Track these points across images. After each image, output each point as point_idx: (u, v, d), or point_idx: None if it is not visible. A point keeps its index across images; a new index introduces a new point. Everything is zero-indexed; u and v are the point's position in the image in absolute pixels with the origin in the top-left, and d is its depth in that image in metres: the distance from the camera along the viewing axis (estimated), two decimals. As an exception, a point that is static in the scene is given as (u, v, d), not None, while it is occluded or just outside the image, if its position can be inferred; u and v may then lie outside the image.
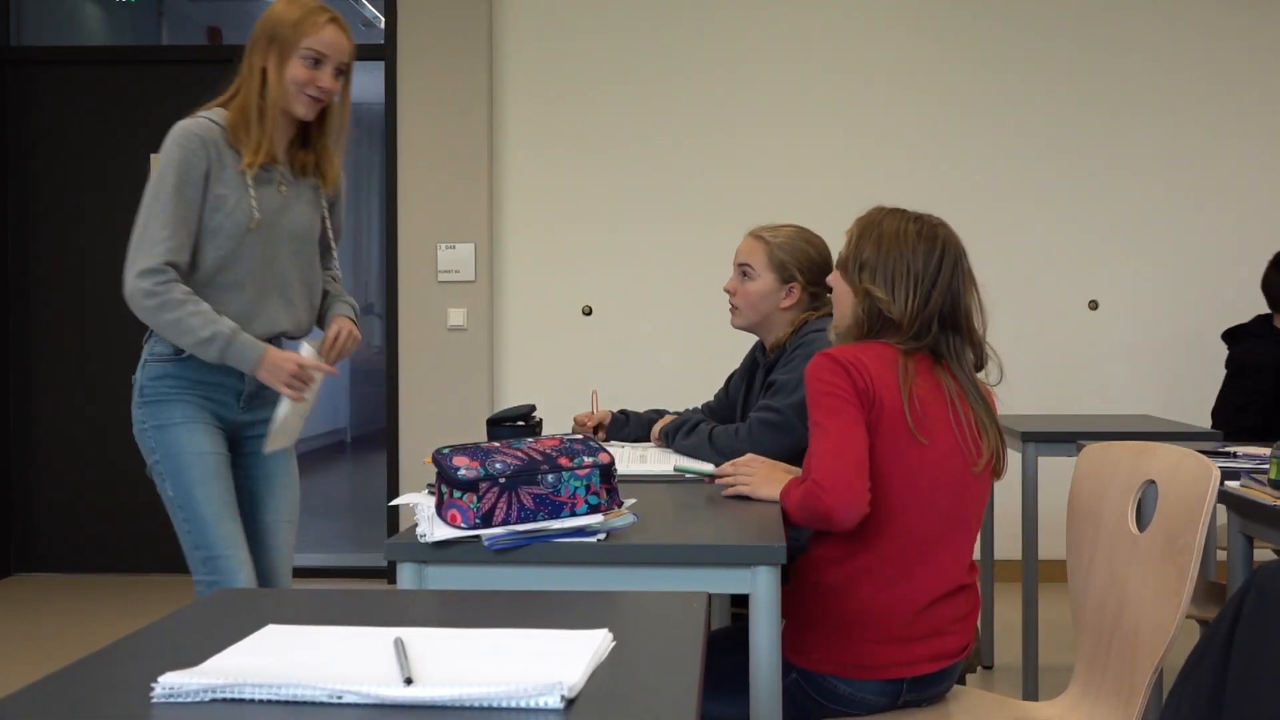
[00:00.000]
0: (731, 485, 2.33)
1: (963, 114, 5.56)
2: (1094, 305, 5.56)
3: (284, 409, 2.69)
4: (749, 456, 2.44)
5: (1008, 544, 4.54)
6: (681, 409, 3.32)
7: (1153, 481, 2.01)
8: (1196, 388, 5.49)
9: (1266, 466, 2.55)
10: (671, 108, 5.59)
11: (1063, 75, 5.55)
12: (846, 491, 2.04)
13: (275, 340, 2.73)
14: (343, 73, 2.74)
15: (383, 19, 5.69)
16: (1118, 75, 5.54)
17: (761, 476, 2.32)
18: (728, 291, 2.98)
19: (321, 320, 2.91)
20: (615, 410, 3.25)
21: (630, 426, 3.17)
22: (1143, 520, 2.03)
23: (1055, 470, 4.12)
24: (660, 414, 3.15)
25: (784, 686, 2.00)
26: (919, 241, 2.23)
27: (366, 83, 8.07)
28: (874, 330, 2.24)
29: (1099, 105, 5.55)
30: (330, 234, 2.89)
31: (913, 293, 2.20)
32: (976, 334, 2.27)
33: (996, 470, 2.25)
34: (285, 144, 2.74)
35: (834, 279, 2.34)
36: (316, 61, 2.66)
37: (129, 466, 5.42)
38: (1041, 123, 5.55)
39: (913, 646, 2.12)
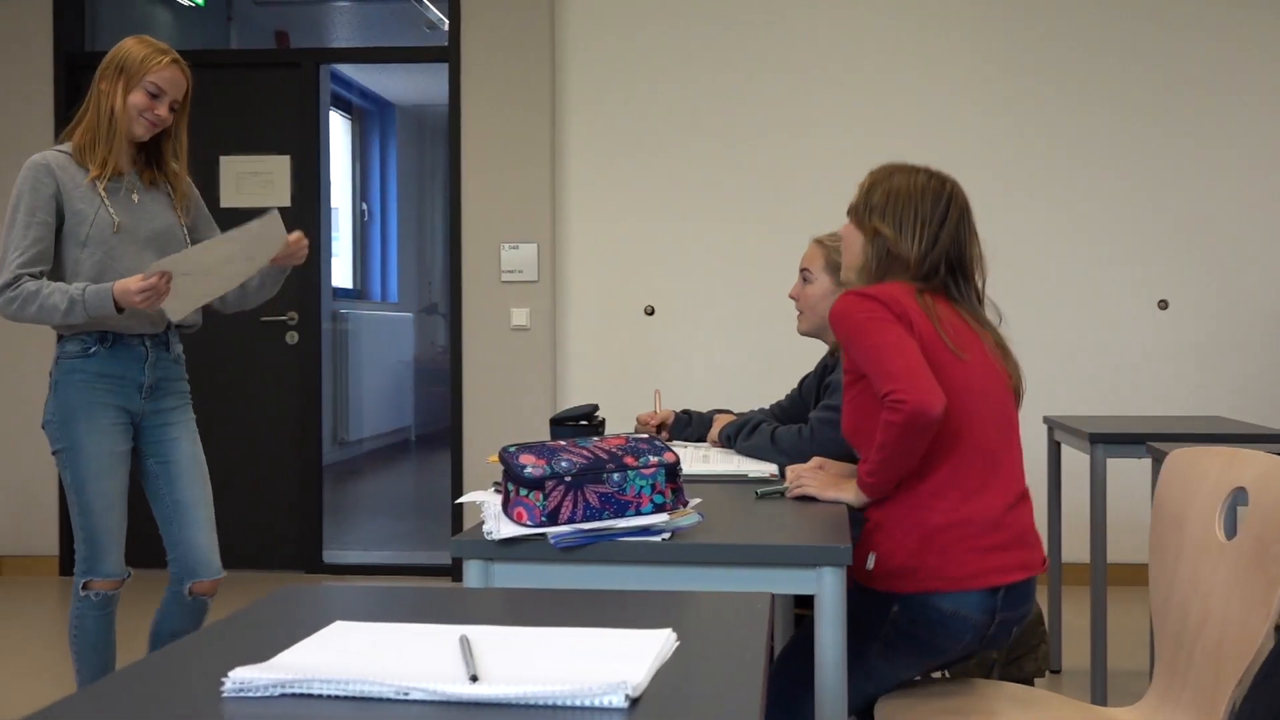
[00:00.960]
0: (797, 486, 2.32)
1: (1029, 115, 5.49)
2: (1164, 305, 5.47)
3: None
4: (814, 460, 2.42)
5: (1074, 547, 4.48)
6: (743, 409, 3.31)
7: (1242, 488, 1.97)
8: (1267, 388, 5.39)
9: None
10: (733, 108, 5.58)
11: (1131, 73, 5.46)
12: (927, 387, 2.13)
13: (166, 330, 3.09)
14: (175, 109, 3.08)
15: (446, 21, 5.74)
16: (1186, 72, 5.44)
17: (827, 479, 2.31)
18: (792, 298, 2.98)
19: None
20: (678, 410, 3.24)
21: (693, 426, 3.16)
22: (1230, 528, 1.98)
23: (1123, 472, 4.07)
24: (724, 414, 3.14)
25: (887, 623, 2.16)
26: (927, 189, 2.37)
27: (430, 84, 8.14)
28: (882, 271, 2.35)
29: (1169, 104, 5.45)
30: (197, 233, 3.20)
31: (920, 234, 2.34)
32: (977, 285, 2.40)
33: (1019, 392, 2.41)
34: (130, 161, 3.08)
35: (845, 227, 2.46)
36: (155, 95, 3.02)
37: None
38: (1108, 122, 5.47)
39: (1002, 554, 2.21)
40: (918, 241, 2.33)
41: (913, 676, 2.29)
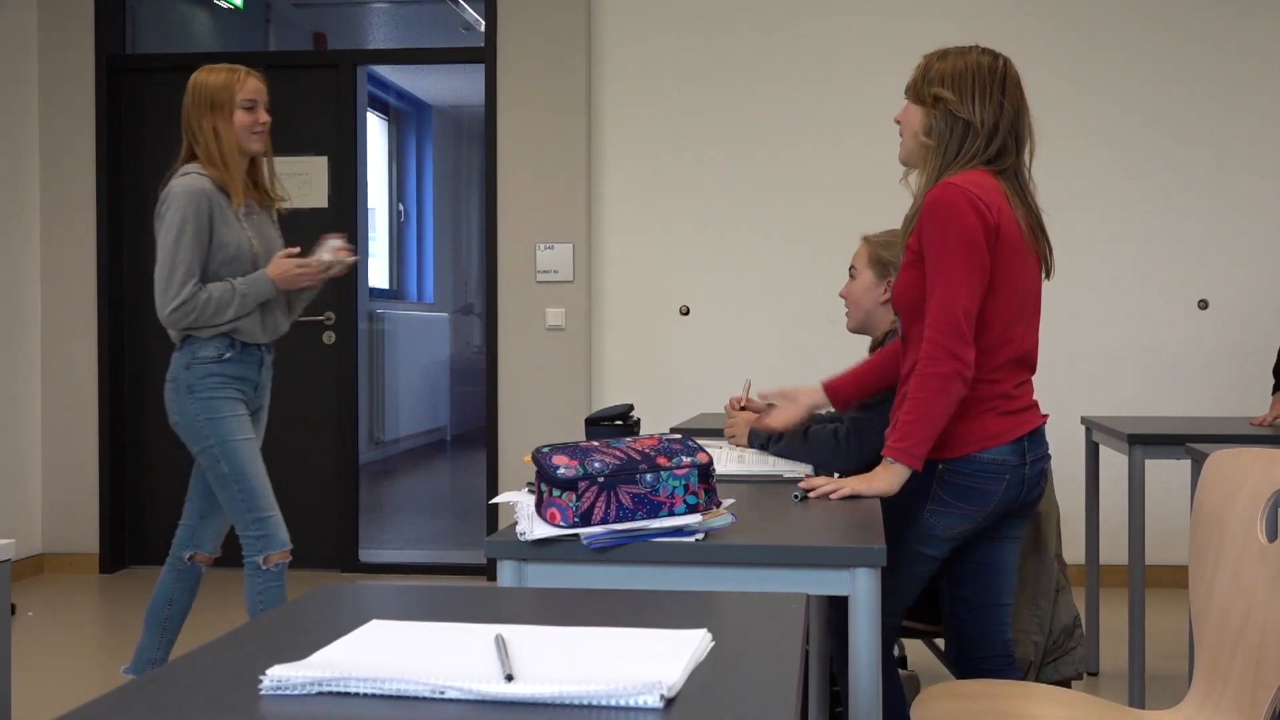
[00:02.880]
0: (834, 491, 2.30)
1: (1068, 118, 5.45)
2: (1204, 305, 5.42)
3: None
4: (831, 482, 2.36)
5: (1112, 549, 4.45)
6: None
7: (1285, 490, 1.94)
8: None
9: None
10: (769, 109, 5.56)
11: (1169, 75, 5.41)
12: (969, 345, 2.28)
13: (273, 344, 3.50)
14: (268, 110, 3.45)
15: (483, 23, 5.76)
16: (1226, 73, 5.39)
17: (858, 479, 2.32)
18: (841, 296, 2.97)
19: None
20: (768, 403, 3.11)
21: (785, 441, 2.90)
22: (1272, 530, 1.96)
23: (1161, 474, 4.03)
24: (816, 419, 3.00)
25: (935, 482, 2.38)
26: (982, 60, 2.43)
27: (466, 85, 8.17)
28: (956, 142, 2.39)
29: (1208, 105, 5.40)
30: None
31: (982, 100, 2.40)
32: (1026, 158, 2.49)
33: (1049, 270, 2.52)
34: (242, 181, 3.42)
35: (901, 112, 2.52)
36: (250, 108, 3.38)
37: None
38: (1147, 123, 5.42)
39: (1024, 416, 2.44)
40: (980, 106, 2.39)
41: (964, 531, 2.43)
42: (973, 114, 2.39)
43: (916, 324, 2.40)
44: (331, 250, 3.43)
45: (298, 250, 3.43)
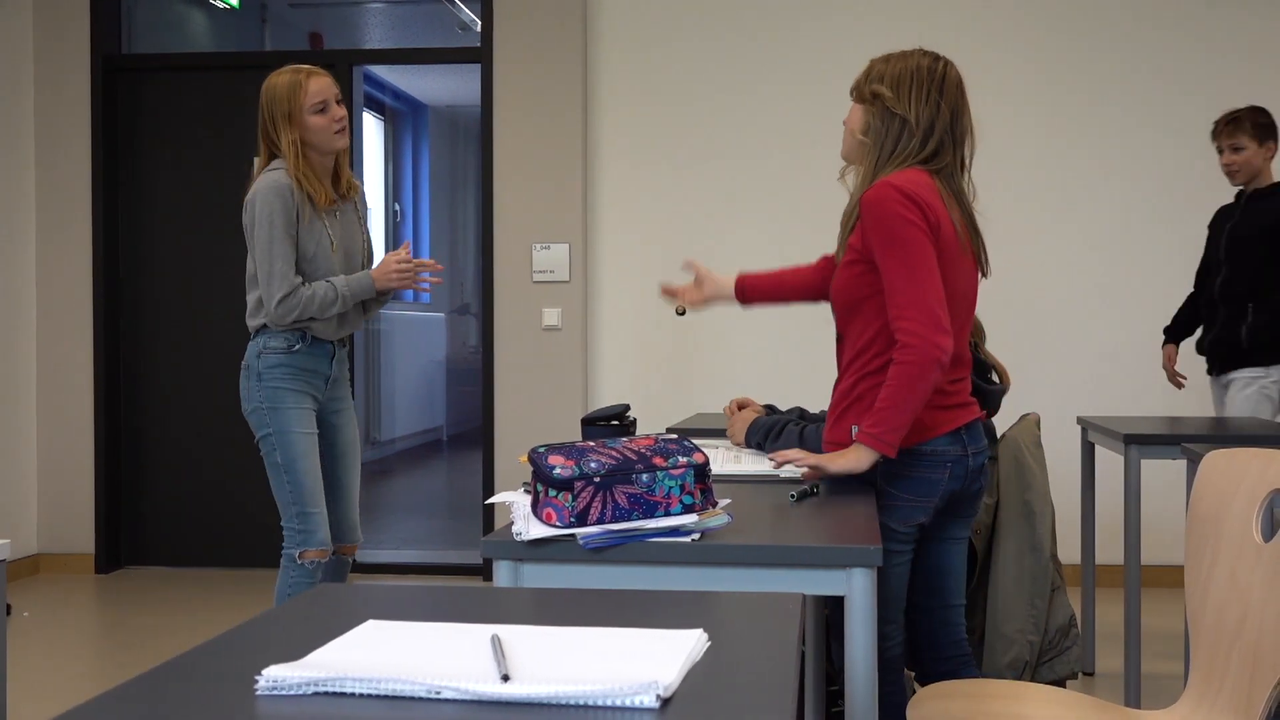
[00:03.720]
0: (801, 459, 2.36)
1: (1066, 120, 5.46)
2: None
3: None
4: (794, 451, 2.43)
5: (1108, 548, 4.45)
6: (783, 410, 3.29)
7: (1280, 490, 1.95)
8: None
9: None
10: (766, 110, 5.57)
11: (1171, 81, 5.42)
12: (941, 328, 2.29)
13: (346, 338, 3.53)
14: (340, 101, 3.42)
15: (479, 22, 5.76)
16: (1227, 67, 5.40)
17: (828, 455, 2.38)
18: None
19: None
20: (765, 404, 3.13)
21: (783, 438, 2.88)
22: (1268, 530, 1.97)
23: (1156, 474, 4.04)
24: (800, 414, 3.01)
25: (879, 476, 2.39)
26: (922, 61, 2.46)
27: (462, 85, 8.17)
28: (892, 140, 2.42)
29: (1208, 111, 5.41)
30: (369, 243, 3.63)
31: (919, 95, 2.42)
32: (965, 157, 2.51)
33: (984, 269, 2.55)
34: (329, 181, 3.44)
35: (848, 114, 2.55)
36: (323, 109, 3.35)
37: (235, 463, 5.57)
38: (1145, 126, 5.43)
39: (960, 410, 2.49)
40: (917, 104, 2.42)
41: (921, 522, 2.45)
42: (908, 111, 2.42)
43: (856, 320, 2.45)
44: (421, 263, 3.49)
45: (406, 247, 3.48)
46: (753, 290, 2.86)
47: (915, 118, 2.42)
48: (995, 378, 3.20)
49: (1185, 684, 2.10)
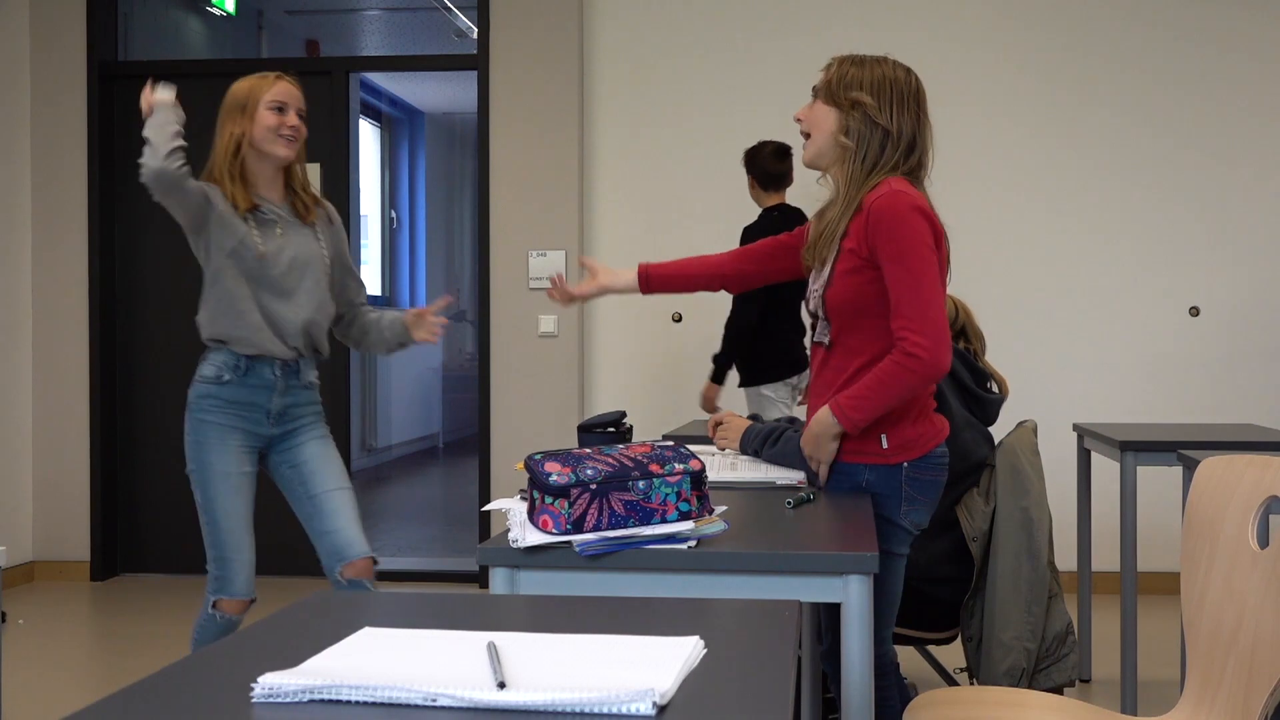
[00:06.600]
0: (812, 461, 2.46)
1: (1059, 125, 5.47)
2: (1195, 312, 5.43)
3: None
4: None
5: (1104, 555, 4.45)
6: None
7: (1276, 497, 1.95)
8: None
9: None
10: (760, 116, 5.57)
11: (1163, 83, 5.43)
12: (945, 342, 2.34)
13: (299, 358, 3.25)
14: (302, 117, 3.24)
15: (475, 30, 5.76)
16: (1221, 82, 5.41)
17: (807, 439, 2.46)
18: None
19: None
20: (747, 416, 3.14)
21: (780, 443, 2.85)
22: (1264, 537, 1.97)
23: (1152, 480, 4.04)
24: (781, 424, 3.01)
25: (903, 480, 2.44)
26: (897, 70, 2.47)
27: (459, 92, 8.17)
28: (868, 144, 2.42)
29: (1200, 113, 5.42)
30: (339, 261, 3.37)
31: (900, 107, 2.43)
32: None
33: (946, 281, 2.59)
34: (278, 192, 3.23)
35: (807, 109, 2.52)
36: (281, 108, 3.18)
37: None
38: (1140, 131, 5.44)
39: (940, 415, 2.56)
40: (898, 115, 2.43)
41: (924, 524, 2.51)
42: (890, 122, 2.43)
43: (864, 328, 2.43)
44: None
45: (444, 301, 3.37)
46: (656, 279, 2.85)
47: (897, 129, 2.44)
48: (994, 387, 3.20)
49: (1182, 690, 2.10)
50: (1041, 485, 3.13)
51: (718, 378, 4.84)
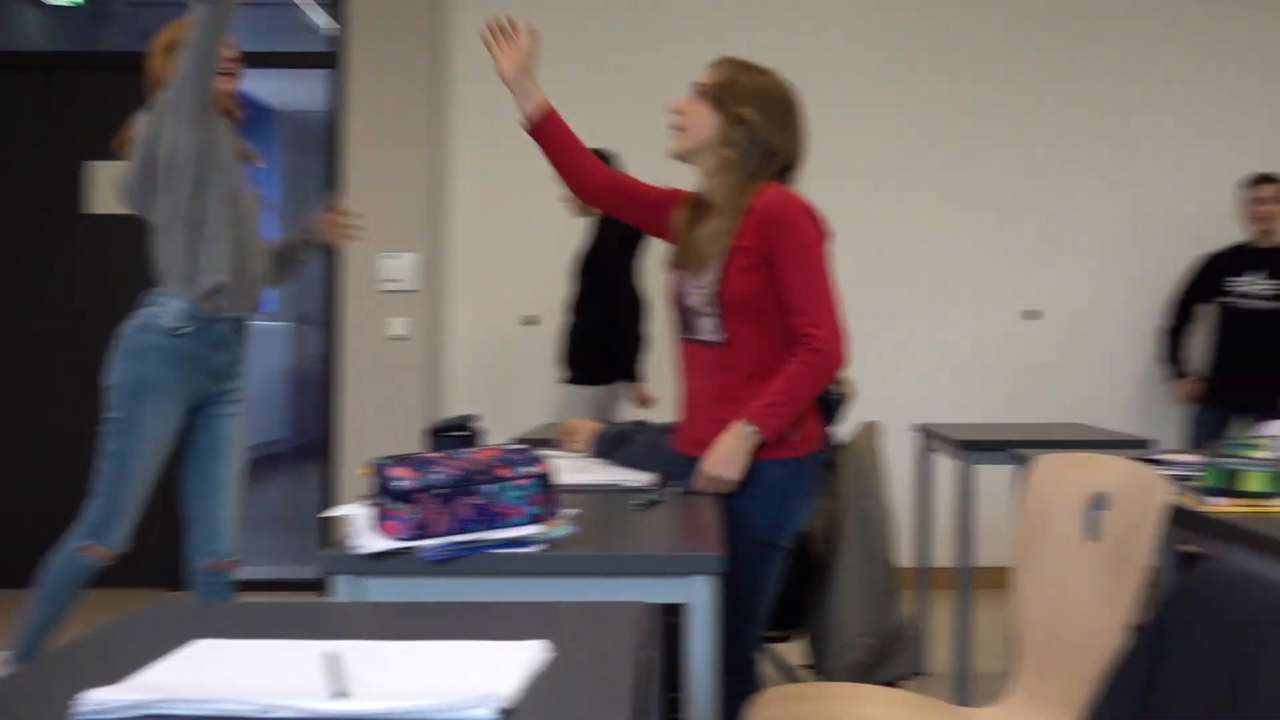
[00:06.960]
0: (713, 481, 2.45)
1: (900, 123, 5.62)
2: (1032, 315, 5.63)
3: None
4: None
5: (942, 552, 4.59)
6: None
7: (1104, 493, 2.04)
8: (1129, 397, 5.59)
9: (1200, 474, 2.59)
10: (624, 120, 5.59)
11: (1001, 83, 5.62)
12: (843, 334, 2.44)
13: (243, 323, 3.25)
14: (239, 63, 3.40)
15: (324, 25, 5.65)
16: (1056, 84, 5.62)
17: (719, 456, 2.43)
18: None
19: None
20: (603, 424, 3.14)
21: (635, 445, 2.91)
22: (1093, 531, 2.05)
23: (985, 479, 4.18)
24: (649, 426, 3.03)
25: (805, 475, 2.55)
26: (783, 85, 2.54)
27: (310, 90, 7.99)
28: (749, 158, 2.48)
29: (1038, 116, 5.62)
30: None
31: (785, 124, 2.51)
32: None
33: None
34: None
35: (688, 103, 2.54)
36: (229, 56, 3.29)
37: (67, 481, 5.33)
38: (979, 132, 5.63)
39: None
40: (782, 133, 2.50)
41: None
42: (776, 140, 2.51)
43: (757, 323, 2.48)
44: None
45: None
46: (554, 126, 2.93)
47: (779, 145, 2.51)
48: (838, 387, 3.27)
49: (1010, 681, 2.18)
50: (883, 484, 3.21)
51: (637, 376, 4.91)
